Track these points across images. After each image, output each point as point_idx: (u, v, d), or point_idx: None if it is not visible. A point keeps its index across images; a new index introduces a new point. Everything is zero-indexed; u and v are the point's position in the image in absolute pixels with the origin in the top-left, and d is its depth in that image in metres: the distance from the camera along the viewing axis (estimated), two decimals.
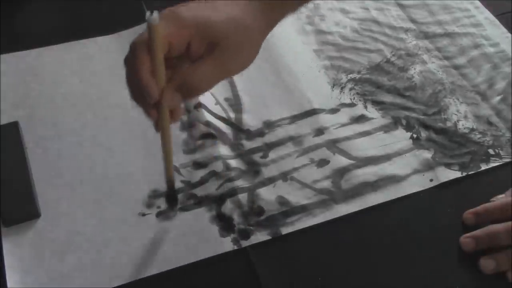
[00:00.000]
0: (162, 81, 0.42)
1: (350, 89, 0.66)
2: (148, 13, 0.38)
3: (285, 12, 0.48)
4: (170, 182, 0.50)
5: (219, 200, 0.55)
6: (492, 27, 0.73)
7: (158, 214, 0.54)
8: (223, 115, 0.62)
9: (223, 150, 0.59)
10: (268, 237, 0.53)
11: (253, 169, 0.58)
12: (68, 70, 0.65)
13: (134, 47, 0.41)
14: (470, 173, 0.58)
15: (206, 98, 0.63)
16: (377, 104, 0.64)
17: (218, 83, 0.45)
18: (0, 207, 0.52)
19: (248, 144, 0.60)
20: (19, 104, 0.61)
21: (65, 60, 0.66)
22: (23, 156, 0.56)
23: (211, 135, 0.60)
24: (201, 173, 0.57)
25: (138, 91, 0.42)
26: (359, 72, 0.68)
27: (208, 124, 0.61)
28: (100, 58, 0.67)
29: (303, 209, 0.55)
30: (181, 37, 0.41)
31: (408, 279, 0.51)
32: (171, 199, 0.53)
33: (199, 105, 0.62)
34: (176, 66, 0.44)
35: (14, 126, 0.58)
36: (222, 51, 0.43)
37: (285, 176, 0.57)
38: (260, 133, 0.61)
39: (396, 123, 0.63)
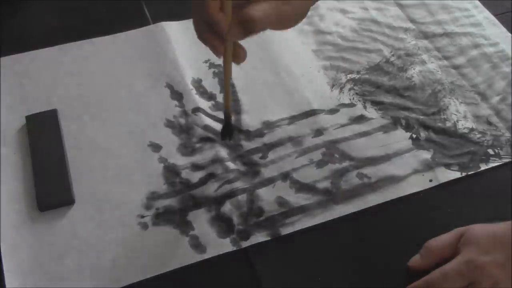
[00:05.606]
0: (229, 17, 0.44)
1: (350, 89, 0.66)
2: None
3: None
4: (227, 113, 0.54)
5: (218, 201, 0.55)
6: (492, 26, 0.73)
7: (157, 216, 0.54)
8: (222, 116, 0.62)
9: (222, 152, 0.59)
10: (268, 238, 0.53)
11: (252, 169, 0.58)
12: (64, 72, 0.65)
13: None
14: (469, 173, 0.58)
15: (204, 101, 0.63)
16: (377, 104, 0.64)
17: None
18: (36, 193, 0.54)
19: (247, 145, 0.60)
20: (15, 107, 0.61)
21: (61, 62, 0.66)
22: (61, 143, 0.57)
23: (209, 139, 0.60)
24: (199, 175, 0.57)
25: (205, 29, 0.45)
26: (358, 72, 0.67)
27: (206, 128, 0.60)
28: (97, 59, 0.66)
29: (302, 210, 0.55)
30: None
31: (408, 279, 0.50)
32: (227, 130, 0.55)
33: (197, 110, 0.62)
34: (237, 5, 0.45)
35: (53, 113, 0.60)
36: None
37: (284, 176, 0.57)
38: (259, 134, 0.61)
39: (395, 123, 0.62)
